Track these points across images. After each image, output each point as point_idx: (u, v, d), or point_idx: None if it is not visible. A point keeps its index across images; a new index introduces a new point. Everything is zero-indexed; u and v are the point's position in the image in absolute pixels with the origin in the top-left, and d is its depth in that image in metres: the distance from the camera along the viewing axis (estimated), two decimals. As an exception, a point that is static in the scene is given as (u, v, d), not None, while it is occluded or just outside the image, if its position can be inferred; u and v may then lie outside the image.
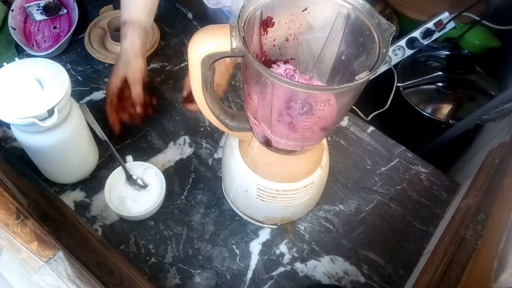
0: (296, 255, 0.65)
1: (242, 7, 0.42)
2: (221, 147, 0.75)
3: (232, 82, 0.85)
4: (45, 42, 0.85)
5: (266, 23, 0.46)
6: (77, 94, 0.78)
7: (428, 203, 0.72)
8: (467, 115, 0.94)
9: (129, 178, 0.66)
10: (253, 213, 0.64)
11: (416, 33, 1.18)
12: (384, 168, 0.76)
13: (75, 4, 0.86)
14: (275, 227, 0.66)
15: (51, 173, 0.65)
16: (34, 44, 0.84)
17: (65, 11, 0.89)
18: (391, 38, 0.41)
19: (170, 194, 0.68)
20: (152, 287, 0.58)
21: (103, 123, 0.74)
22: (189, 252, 0.63)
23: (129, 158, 0.67)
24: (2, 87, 0.52)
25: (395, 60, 1.20)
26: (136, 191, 0.66)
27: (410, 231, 0.69)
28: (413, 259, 0.66)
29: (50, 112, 0.52)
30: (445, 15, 1.17)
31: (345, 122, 0.82)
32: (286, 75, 0.51)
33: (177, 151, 0.74)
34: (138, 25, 0.68)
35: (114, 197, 0.64)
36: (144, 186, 0.66)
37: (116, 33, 0.83)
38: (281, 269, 0.63)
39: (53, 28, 0.87)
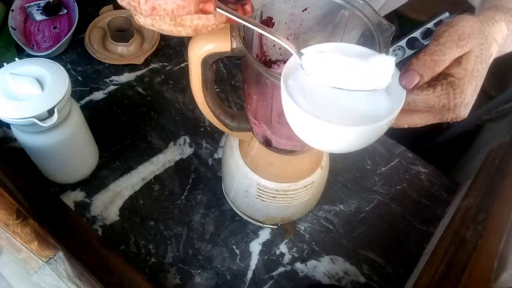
0: (296, 255, 0.65)
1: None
2: (221, 147, 0.75)
3: (232, 82, 0.85)
4: (45, 42, 0.85)
5: (266, 23, 0.46)
6: (77, 94, 0.78)
7: (428, 203, 0.72)
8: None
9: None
10: (253, 213, 0.64)
11: (416, 33, 1.18)
12: (384, 168, 0.76)
13: (75, 4, 0.86)
14: (275, 227, 0.66)
15: (51, 173, 0.65)
16: (34, 44, 0.84)
17: (65, 11, 0.89)
18: (391, 38, 0.41)
19: (170, 194, 0.68)
20: (152, 287, 0.58)
21: (103, 124, 0.75)
22: (189, 252, 0.63)
23: None
24: (2, 87, 0.52)
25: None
26: None
27: (410, 231, 0.69)
28: (413, 259, 0.66)
29: (50, 112, 0.52)
30: (445, 15, 1.16)
31: (345, 122, 0.81)
32: (286, 75, 0.50)
33: (177, 151, 0.74)
34: None
35: None
36: None
37: (116, 33, 0.83)
38: (281, 269, 0.63)
39: (53, 28, 0.87)
